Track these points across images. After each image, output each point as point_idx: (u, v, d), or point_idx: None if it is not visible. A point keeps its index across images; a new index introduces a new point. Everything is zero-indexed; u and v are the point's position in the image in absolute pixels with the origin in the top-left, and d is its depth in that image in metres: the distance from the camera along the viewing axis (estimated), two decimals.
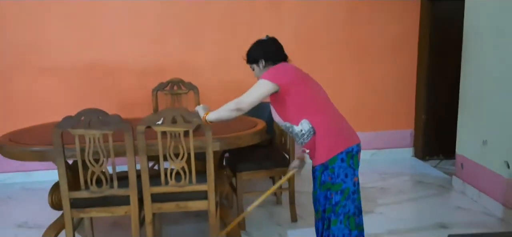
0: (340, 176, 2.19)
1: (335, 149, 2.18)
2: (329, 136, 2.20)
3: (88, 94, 4.16)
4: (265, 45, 2.40)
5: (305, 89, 2.24)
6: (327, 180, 2.22)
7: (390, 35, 4.58)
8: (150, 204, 2.49)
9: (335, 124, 2.24)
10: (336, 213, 2.22)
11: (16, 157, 2.62)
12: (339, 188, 2.20)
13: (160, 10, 4.20)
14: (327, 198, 2.25)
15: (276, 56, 2.37)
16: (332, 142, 2.19)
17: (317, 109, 2.23)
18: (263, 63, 2.37)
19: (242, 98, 2.25)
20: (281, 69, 2.28)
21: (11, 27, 4.03)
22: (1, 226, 3.29)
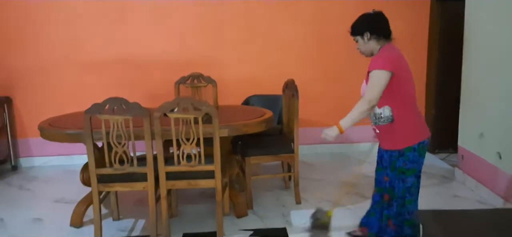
0: (413, 163, 2.42)
1: (411, 140, 2.39)
2: (408, 128, 2.39)
3: (119, 85, 4.58)
4: (372, 19, 2.46)
5: (403, 80, 2.37)
6: (402, 166, 2.43)
7: (401, 32, 4.70)
8: (164, 181, 2.86)
9: (415, 118, 2.43)
10: (411, 193, 2.47)
11: (53, 138, 3.07)
12: (413, 173, 2.44)
13: (184, 9, 4.57)
14: (403, 180, 2.46)
15: (381, 31, 2.44)
16: (409, 134, 2.40)
17: (404, 102, 2.38)
18: (368, 35, 2.43)
19: (370, 96, 2.33)
20: (395, 56, 2.38)
21: (55, 27, 4.52)
22: (42, 201, 3.77)
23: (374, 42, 2.45)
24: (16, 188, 4.11)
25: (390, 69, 2.31)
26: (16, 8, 4.45)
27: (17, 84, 4.58)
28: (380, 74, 2.31)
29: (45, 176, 4.41)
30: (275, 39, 4.69)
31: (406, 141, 2.39)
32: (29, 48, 4.53)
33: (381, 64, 2.32)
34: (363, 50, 2.51)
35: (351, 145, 4.76)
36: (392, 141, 2.44)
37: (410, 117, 2.40)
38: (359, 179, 4.05)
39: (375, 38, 2.44)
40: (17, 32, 4.49)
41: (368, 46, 2.47)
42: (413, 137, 2.39)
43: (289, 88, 3.54)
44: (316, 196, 3.67)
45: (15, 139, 4.66)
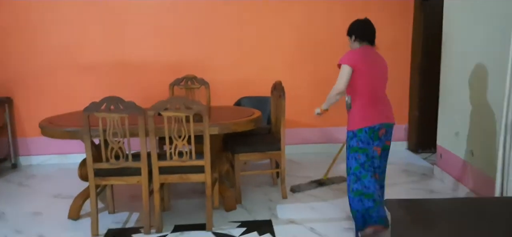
0: (364, 143, 2.84)
1: (363, 124, 2.84)
2: (360, 114, 2.85)
3: (116, 87, 4.75)
4: (358, 25, 2.99)
5: (362, 75, 2.84)
6: (355, 145, 2.87)
7: (386, 37, 4.97)
8: (158, 175, 3.06)
9: (369, 106, 2.86)
10: (365, 169, 2.86)
11: (53, 136, 3.27)
12: (364, 152, 2.86)
13: (178, 14, 4.79)
14: (356, 159, 2.87)
15: (362, 36, 2.95)
16: (362, 119, 2.85)
17: (360, 92, 2.86)
18: (353, 38, 2.97)
19: (336, 84, 2.87)
20: (358, 55, 2.88)
21: (54, 30, 4.72)
22: (40, 196, 3.96)
23: (357, 43, 2.97)
24: (16, 184, 4.29)
25: (350, 64, 2.84)
26: (17, 12, 4.65)
27: (18, 85, 4.77)
28: (343, 68, 2.86)
29: (43, 174, 4.60)
30: (265, 43, 4.91)
31: (358, 124, 2.85)
32: (29, 50, 4.73)
33: (345, 60, 2.88)
34: (352, 48, 3.02)
35: (335, 145, 4.95)
36: (349, 123, 2.94)
37: (364, 105, 2.86)
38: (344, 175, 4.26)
39: (358, 41, 2.96)
40: (18, 35, 4.69)
41: (353, 46, 3.00)
42: (364, 122, 2.84)
43: (277, 89, 3.76)
44: (302, 192, 3.88)
45: (15, 138, 4.84)
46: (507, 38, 2.86)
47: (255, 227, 3.17)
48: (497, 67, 3.12)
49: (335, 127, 4.97)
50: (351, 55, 2.89)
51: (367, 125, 2.83)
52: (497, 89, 3.11)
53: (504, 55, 2.90)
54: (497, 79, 3.11)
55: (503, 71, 2.90)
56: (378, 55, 3.00)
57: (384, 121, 2.88)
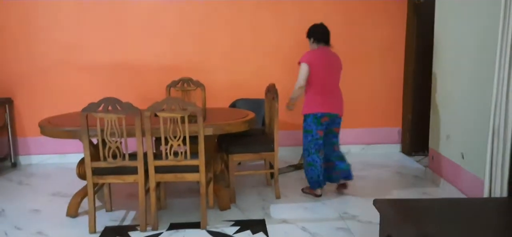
0: (311, 125, 3.65)
1: (309, 111, 3.65)
2: (309, 103, 3.65)
3: (114, 87, 4.85)
4: (316, 28, 3.69)
5: (316, 72, 3.57)
6: (305, 127, 3.70)
7: (379, 40, 5.09)
8: (153, 174, 3.14)
9: (317, 97, 3.61)
10: (311, 147, 3.68)
11: (52, 135, 3.35)
12: (310, 133, 3.67)
13: (175, 16, 4.88)
14: (306, 137, 3.71)
15: (319, 38, 3.66)
16: (309, 106, 3.65)
17: (314, 85, 3.61)
18: (312, 40, 3.68)
19: (298, 80, 3.58)
20: (313, 55, 3.61)
21: (54, 31, 4.81)
22: (39, 195, 4.04)
23: (315, 44, 3.69)
24: (15, 183, 4.38)
25: (307, 63, 3.56)
26: (17, 13, 4.74)
27: (18, 86, 4.86)
28: (302, 66, 3.59)
29: (43, 173, 4.68)
30: (261, 46, 4.99)
31: (306, 110, 3.67)
32: (30, 51, 4.81)
33: (303, 59, 3.60)
34: (311, 48, 3.72)
35: None
36: (302, 109, 3.70)
37: (312, 95, 3.62)
38: None
39: (315, 42, 3.69)
40: (19, 36, 4.78)
41: (312, 46, 3.71)
42: (310, 109, 3.64)
43: (271, 91, 3.84)
44: (295, 192, 3.96)
45: (15, 138, 4.93)
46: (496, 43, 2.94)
47: (248, 226, 3.25)
48: (487, 71, 3.21)
49: None
50: (308, 55, 3.60)
51: (312, 112, 3.62)
52: (486, 92, 3.19)
53: (492, 59, 2.98)
54: (486, 82, 3.19)
55: (491, 75, 2.98)
56: (332, 54, 3.69)
57: (327, 111, 3.61)
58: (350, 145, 5.25)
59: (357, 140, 5.27)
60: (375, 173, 4.51)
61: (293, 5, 4.95)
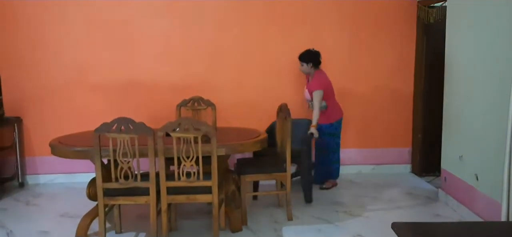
0: (337, 130, 4.51)
1: (337, 116, 4.48)
2: (334, 112, 4.45)
3: (126, 107, 4.82)
4: (313, 54, 4.33)
5: (330, 90, 4.39)
6: (333, 131, 4.48)
7: (389, 60, 5.09)
8: (165, 195, 3.10)
9: (337, 105, 4.51)
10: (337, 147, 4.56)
11: (63, 155, 3.33)
12: (337, 135, 4.56)
13: (185, 37, 4.89)
14: (334, 140, 4.51)
15: (317, 63, 4.36)
16: (336, 114, 4.47)
17: (332, 99, 4.44)
18: (310, 64, 4.31)
19: (316, 104, 4.21)
20: (323, 79, 4.33)
21: (64, 51, 4.82)
22: (47, 215, 3.99)
23: (312, 68, 4.33)
24: (23, 203, 4.33)
25: (322, 88, 4.26)
26: (27, 33, 4.77)
27: (27, 105, 4.85)
28: (318, 93, 4.23)
29: (50, 193, 4.64)
30: (271, 65, 4.99)
31: (334, 117, 4.44)
32: (39, 71, 4.82)
33: (318, 86, 4.24)
34: (306, 71, 4.37)
35: (342, 167, 4.98)
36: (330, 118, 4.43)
37: (334, 105, 4.44)
38: (348, 199, 4.28)
39: (313, 66, 4.33)
40: (29, 55, 4.80)
41: (309, 70, 4.34)
42: (337, 115, 4.48)
43: (283, 111, 3.82)
44: (307, 214, 3.90)
45: (23, 157, 4.90)
46: (509, 62, 2.93)
47: None
48: (500, 91, 3.18)
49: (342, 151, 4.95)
50: (319, 81, 4.27)
51: (339, 117, 4.48)
52: (500, 112, 3.16)
53: (507, 78, 2.96)
54: (500, 102, 3.16)
55: (507, 95, 2.96)
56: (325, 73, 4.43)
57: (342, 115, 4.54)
58: (360, 165, 5.20)
59: (367, 160, 5.22)
60: (386, 194, 4.45)
61: (303, 24, 4.96)
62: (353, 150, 5.17)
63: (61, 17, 4.78)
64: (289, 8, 4.94)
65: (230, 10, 4.91)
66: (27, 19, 4.76)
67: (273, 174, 3.70)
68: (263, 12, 4.93)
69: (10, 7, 4.73)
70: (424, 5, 4.82)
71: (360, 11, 5.00)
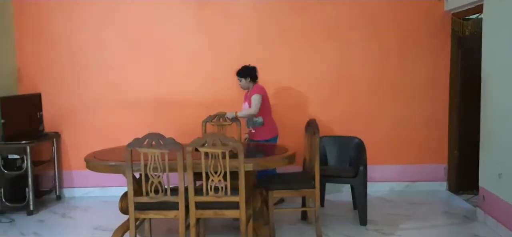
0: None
1: (274, 133, 4.46)
2: (272, 128, 4.45)
3: (155, 123, 4.92)
4: (252, 70, 4.43)
5: (266, 105, 4.40)
6: None
7: (422, 75, 4.97)
8: (194, 210, 3.13)
9: (273, 122, 4.50)
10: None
11: (97, 169, 3.44)
12: None
13: (214, 53, 4.97)
14: None
15: (255, 77, 4.44)
16: (273, 130, 4.47)
17: (269, 113, 4.47)
18: (249, 79, 4.40)
19: (254, 108, 4.26)
20: (263, 90, 4.41)
21: (100, 69, 5.02)
22: (81, 228, 4.12)
23: (251, 83, 4.43)
24: (59, 216, 4.49)
25: (263, 94, 4.36)
26: (67, 54, 5.00)
27: (66, 121, 5.06)
28: (258, 96, 4.30)
29: (85, 206, 4.79)
30: (300, 80, 4.98)
31: (272, 133, 4.45)
32: (76, 89, 5.03)
33: (259, 91, 4.34)
34: (245, 86, 4.45)
35: (372, 184, 4.86)
36: (264, 135, 4.40)
37: (271, 121, 4.47)
38: (379, 217, 4.17)
39: (251, 81, 4.42)
40: (67, 74, 5.02)
41: (247, 85, 4.43)
42: (274, 132, 4.48)
43: (311, 126, 3.78)
44: (337, 232, 3.82)
45: (61, 171, 5.09)
46: None
47: None
48: None
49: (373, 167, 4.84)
50: (260, 88, 4.39)
51: (276, 134, 4.50)
52: None
53: None
54: None
55: None
56: None
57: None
58: (393, 182, 5.06)
59: (400, 177, 5.08)
60: (421, 212, 4.30)
61: (331, 39, 4.95)
62: (384, 166, 5.05)
63: (97, 38, 4.99)
64: (318, 23, 4.94)
65: (258, 28, 4.96)
66: (66, 40, 4.99)
67: (301, 190, 3.66)
68: (291, 28, 4.95)
69: (50, 29, 4.98)
70: (458, 17, 4.69)
71: (390, 25, 4.94)
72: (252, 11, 4.95)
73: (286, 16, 4.94)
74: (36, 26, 4.98)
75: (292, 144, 4.35)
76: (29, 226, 4.15)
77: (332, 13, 4.92)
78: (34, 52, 5.00)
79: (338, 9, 4.92)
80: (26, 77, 5.02)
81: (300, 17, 4.93)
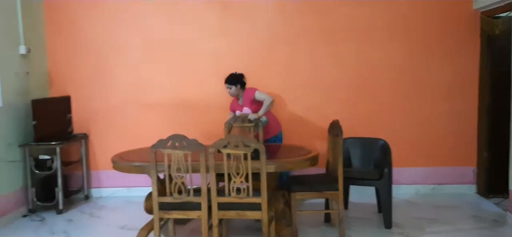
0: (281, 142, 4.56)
1: (279, 128, 4.61)
2: (275, 123, 4.58)
3: (178, 124, 5.02)
4: (240, 77, 4.54)
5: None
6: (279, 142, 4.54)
7: (450, 75, 4.85)
8: (216, 210, 3.16)
9: (274, 120, 4.62)
10: None
11: (123, 170, 3.53)
12: None
13: (236, 56, 5.00)
14: None
15: (244, 83, 4.56)
16: (277, 125, 4.61)
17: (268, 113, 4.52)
18: (239, 86, 4.50)
19: (268, 96, 4.43)
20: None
21: (127, 72, 5.13)
22: (108, 227, 4.22)
23: (241, 90, 4.53)
24: (87, 215, 4.62)
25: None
26: (94, 57, 5.13)
27: (93, 122, 5.20)
28: (259, 91, 4.48)
29: (112, 205, 4.90)
30: (318, 82, 4.95)
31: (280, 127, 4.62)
32: (103, 91, 5.16)
33: (254, 89, 4.49)
34: (235, 93, 4.53)
35: (397, 186, 4.77)
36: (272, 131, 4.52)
37: (273, 119, 4.59)
38: (404, 220, 4.08)
39: (241, 87, 4.53)
40: (94, 77, 5.16)
41: (237, 91, 4.52)
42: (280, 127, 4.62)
43: (334, 128, 3.76)
44: (361, 235, 3.78)
45: (89, 171, 5.24)
46: None
47: None
48: None
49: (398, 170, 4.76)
50: (254, 88, 4.53)
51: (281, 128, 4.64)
52: None
53: None
54: None
55: None
56: None
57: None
58: (419, 184, 4.96)
59: (426, 179, 4.97)
60: (448, 216, 4.19)
61: (351, 39, 4.89)
62: (410, 169, 4.95)
63: (123, 42, 5.11)
64: (337, 22, 4.91)
65: (278, 29, 4.96)
66: (94, 44, 5.13)
67: (324, 192, 3.64)
68: (311, 28, 4.93)
69: (79, 34, 5.13)
70: (487, 16, 4.56)
71: (413, 23, 4.85)
72: (274, 12, 4.95)
73: (309, 17, 4.91)
74: (66, 30, 5.14)
75: (314, 145, 4.36)
76: (59, 225, 4.29)
77: (354, 13, 4.87)
78: (64, 56, 5.17)
79: (360, 10, 4.86)
80: (56, 80, 5.20)
81: (323, 17, 4.90)
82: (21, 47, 4.62)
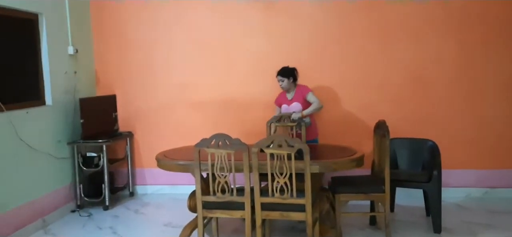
0: None
1: (317, 134, 4.55)
2: (316, 128, 4.56)
3: (222, 123, 5.04)
4: (294, 70, 4.45)
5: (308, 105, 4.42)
6: None
7: (503, 74, 4.57)
8: (260, 210, 3.13)
9: (315, 122, 4.60)
10: None
11: (167, 168, 3.58)
12: None
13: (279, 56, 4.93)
14: None
15: (296, 78, 4.47)
16: (316, 130, 4.55)
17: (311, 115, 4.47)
18: (291, 79, 4.41)
19: (319, 103, 4.36)
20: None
21: (172, 71, 5.21)
22: (152, 224, 4.30)
23: (293, 84, 4.45)
24: (132, 212, 4.73)
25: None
26: (139, 56, 5.25)
27: (138, 121, 5.32)
28: (312, 93, 4.42)
29: (156, 203, 5.00)
30: (368, 81, 4.80)
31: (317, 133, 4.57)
32: (148, 90, 5.27)
33: (308, 89, 4.44)
34: (286, 87, 4.43)
35: (447, 189, 4.55)
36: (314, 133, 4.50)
37: (314, 121, 4.59)
38: (454, 225, 3.89)
39: (293, 81, 4.44)
40: (140, 76, 5.27)
41: (289, 85, 4.42)
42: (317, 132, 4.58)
43: (381, 128, 3.63)
44: (407, 235, 3.63)
45: (134, 169, 5.37)
46: None
47: None
48: None
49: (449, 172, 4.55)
50: (307, 86, 4.48)
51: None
52: None
53: None
54: None
55: None
56: None
57: None
58: (470, 187, 4.71)
59: (479, 183, 4.70)
60: (503, 221, 3.95)
61: (403, 35, 4.71)
62: (460, 171, 4.71)
63: (166, 41, 5.19)
64: (389, 18, 4.74)
65: (325, 27, 4.86)
66: (139, 44, 5.25)
67: (370, 194, 3.52)
68: (360, 25, 4.79)
69: (124, 33, 5.27)
70: None
71: (472, 19, 4.59)
72: (319, 11, 4.85)
73: (354, 15, 4.78)
74: (112, 30, 5.28)
75: (359, 146, 4.23)
76: (105, 221, 4.41)
77: (405, 10, 4.69)
78: (110, 56, 5.32)
79: (410, 6, 4.67)
80: (102, 79, 5.36)
81: (369, 15, 4.75)
82: (69, 48, 4.79)
